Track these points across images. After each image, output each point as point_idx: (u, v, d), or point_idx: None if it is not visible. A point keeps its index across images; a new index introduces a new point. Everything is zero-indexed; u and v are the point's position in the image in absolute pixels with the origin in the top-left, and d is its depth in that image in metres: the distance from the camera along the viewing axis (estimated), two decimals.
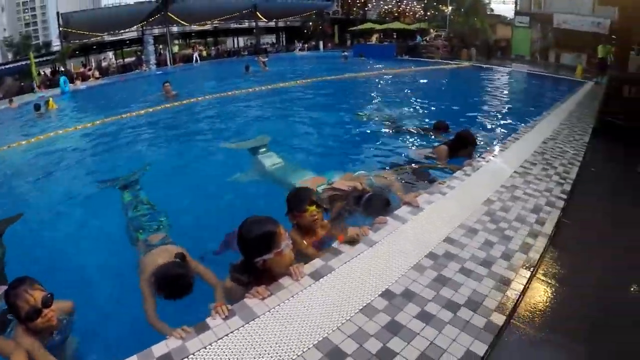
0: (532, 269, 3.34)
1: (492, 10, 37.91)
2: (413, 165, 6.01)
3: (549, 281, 3.33)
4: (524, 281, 3.17)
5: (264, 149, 7.16)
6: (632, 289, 3.42)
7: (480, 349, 2.50)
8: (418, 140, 8.13)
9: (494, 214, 4.23)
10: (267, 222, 3.05)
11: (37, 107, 16.57)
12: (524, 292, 3.09)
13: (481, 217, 4.14)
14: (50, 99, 18.08)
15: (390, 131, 8.91)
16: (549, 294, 3.17)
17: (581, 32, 25.05)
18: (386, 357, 2.42)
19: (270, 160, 6.67)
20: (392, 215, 4.14)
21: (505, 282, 3.13)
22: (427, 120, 9.68)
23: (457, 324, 2.69)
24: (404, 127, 8.97)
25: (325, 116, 11.93)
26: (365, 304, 2.84)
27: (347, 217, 4.43)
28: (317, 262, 3.31)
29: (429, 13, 42.47)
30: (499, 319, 2.75)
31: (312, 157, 7.83)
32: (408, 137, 8.35)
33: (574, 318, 2.97)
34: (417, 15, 44.71)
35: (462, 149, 6.12)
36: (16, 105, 20.19)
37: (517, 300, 2.98)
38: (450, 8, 36.21)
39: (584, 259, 3.80)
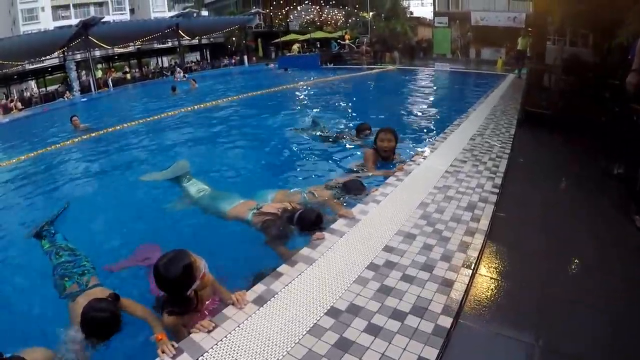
0: (472, 267, 3.40)
1: (411, 13, 39.25)
2: (345, 177, 5.99)
3: (491, 276, 3.41)
4: (467, 280, 3.23)
5: (187, 177, 6.88)
6: (570, 273, 3.55)
7: (432, 353, 2.52)
8: (348, 147, 8.16)
9: (429, 216, 4.29)
10: (179, 257, 3.03)
11: None
12: (467, 290, 3.14)
13: (417, 221, 4.20)
14: None
15: (323, 142, 8.89)
16: (493, 289, 3.24)
17: (498, 28, 26.16)
18: None
19: (195, 188, 6.39)
20: (329, 229, 4.12)
21: (448, 284, 3.17)
22: (357, 122, 9.73)
23: (405, 332, 2.69)
24: (334, 136, 8.97)
25: (255, 133, 11.76)
26: (312, 325, 2.79)
27: (285, 240, 4.40)
28: (259, 288, 3.24)
29: (350, 20, 43.24)
30: (446, 321, 2.78)
31: (242, 178, 7.60)
32: (338, 146, 8.35)
33: (520, 309, 3.04)
34: (338, 23, 45.30)
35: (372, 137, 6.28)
36: None
37: (462, 299, 3.02)
38: (370, 14, 36.99)
39: (521, 250, 3.91)
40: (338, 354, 2.55)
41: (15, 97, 33.67)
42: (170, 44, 43.63)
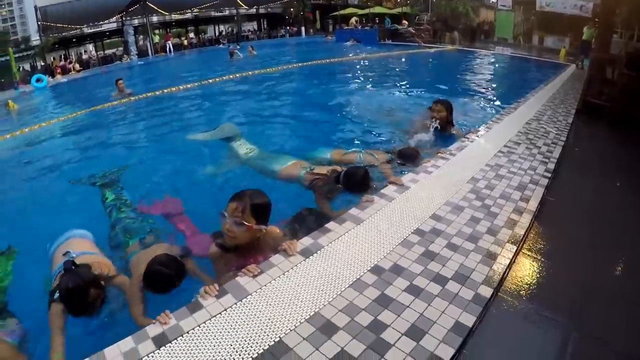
0: (517, 244, 3.40)
1: None
2: (400, 145, 6.01)
3: (535, 256, 3.39)
4: (510, 255, 3.23)
5: (237, 138, 6.91)
6: (614, 265, 3.48)
7: (469, 320, 2.56)
8: (399, 123, 8.11)
9: (479, 191, 4.28)
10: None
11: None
12: (510, 266, 3.15)
13: (467, 194, 4.19)
14: (9, 100, 18.04)
15: (378, 114, 8.87)
16: (535, 269, 3.23)
17: (564, 16, 25.19)
18: (377, 330, 2.47)
19: (245, 149, 6.46)
20: (379, 194, 4.18)
21: (491, 257, 3.18)
22: (414, 101, 9.67)
23: (445, 296, 2.74)
24: (390, 110, 8.94)
25: (311, 101, 11.85)
26: (355, 279, 2.88)
27: (333, 200, 4.48)
28: (306, 240, 3.34)
29: None
30: (486, 291, 2.81)
31: (297, 141, 7.68)
32: (395, 120, 8.32)
33: (559, 292, 3.01)
34: (399, 0, 44.46)
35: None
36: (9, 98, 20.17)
37: (504, 273, 3.03)
38: None
39: (568, 235, 3.86)
40: (378, 309, 2.63)
41: (74, 59, 34.96)
42: (227, 12, 43.96)
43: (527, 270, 3.20)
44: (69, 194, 6.49)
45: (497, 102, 9.95)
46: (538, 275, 3.16)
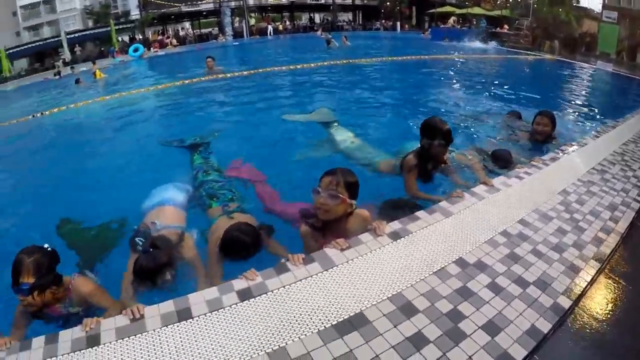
0: (602, 263, 3.36)
1: (577, 1, 35.89)
2: (493, 146, 5.98)
3: (617, 278, 3.34)
4: (593, 272, 3.21)
5: (334, 124, 7.00)
6: None
7: (545, 326, 2.61)
8: (492, 127, 8.01)
9: (569, 204, 4.24)
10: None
11: (76, 81, 18.05)
12: (591, 282, 3.13)
13: (556, 205, 4.16)
14: (97, 69, 19.32)
15: (471, 115, 8.76)
16: (616, 291, 3.19)
17: None
18: (455, 319, 2.58)
19: (342, 135, 6.51)
20: (469, 191, 4.24)
21: (574, 270, 3.19)
22: (508, 107, 9.47)
23: (525, 299, 2.79)
24: (483, 112, 8.82)
25: (405, 95, 11.83)
26: (439, 268, 3.00)
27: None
28: (395, 225, 3.48)
29: (511, 0, 40.81)
30: (565, 302, 2.84)
31: (388, 133, 7.73)
32: (484, 122, 8.23)
33: (638, 321, 2.98)
34: (498, 2, 43.00)
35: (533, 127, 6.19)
36: (96, 67, 21.78)
37: (584, 289, 3.03)
38: None
39: None
40: (458, 299, 2.74)
41: (171, 35, 36.96)
42: (323, 1, 44.42)
43: (608, 290, 3.18)
44: (159, 156, 6.96)
45: (594, 119, 9.58)
46: (618, 298, 3.12)
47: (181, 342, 2.44)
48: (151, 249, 3.40)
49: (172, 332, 2.51)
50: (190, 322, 2.58)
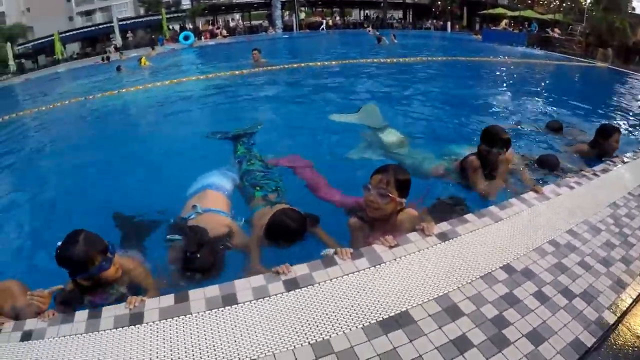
0: None
1: (633, 8, 34.40)
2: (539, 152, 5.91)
3: None
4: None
5: (384, 126, 6.94)
6: None
7: (589, 340, 2.60)
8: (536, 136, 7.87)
9: (618, 218, 4.17)
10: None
11: (117, 68, 18.51)
12: (637, 299, 3.10)
13: (606, 218, 4.11)
14: (143, 57, 19.77)
15: (515, 121, 8.63)
16: None
17: None
18: (500, 325, 2.60)
19: (393, 138, 6.47)
20: (519, 198, 4.23)
21: (621, 285, 3.15)
22: (555, 114, 9.31)
23: (570, 311, 2.79)
24: (525, 119, 8.67)
25: (454, 96, 11.66)
26: (486, 273, 3.03)
27: None
28: (444, 226, 3.52)
29: (564, 4, 39.63)
30: (610, 317, 2.82)
31: (437, 133, 7.69)
32: (527, 130, 8.09)
33: None
34: (551, 5, 41.85)
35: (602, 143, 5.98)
36: (154, 53, 22.24)
37: (631, 305, 3.00)
38: (588, 1, 33.55)
39: None
40: (504, 305, 2.76)
41: (221, 25, 37.57)
42: None
43: None
44: (203, 146, 7.04)
45: None
46: None
47: (224, 326, 2.54)
48: (197, 254, 3.35)
49: (215, 316, 2.62)
50: (235, 308, 2.68)
